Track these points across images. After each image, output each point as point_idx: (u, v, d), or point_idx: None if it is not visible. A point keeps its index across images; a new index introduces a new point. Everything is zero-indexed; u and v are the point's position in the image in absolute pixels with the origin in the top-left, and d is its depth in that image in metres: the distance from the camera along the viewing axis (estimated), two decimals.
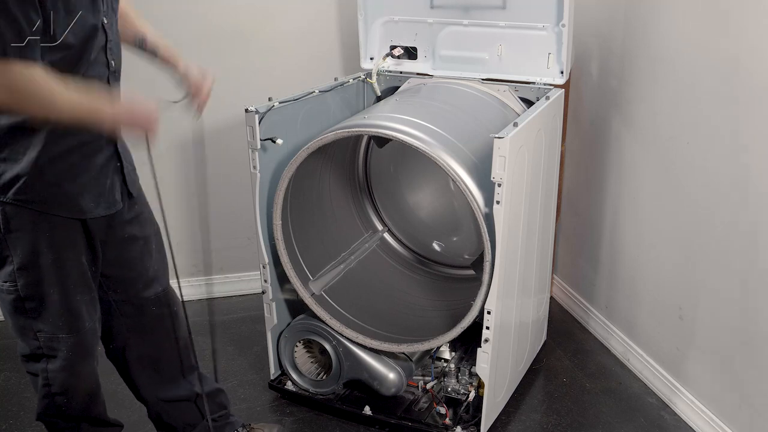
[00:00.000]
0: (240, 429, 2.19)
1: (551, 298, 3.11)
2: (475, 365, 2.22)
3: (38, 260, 1.67)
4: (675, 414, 2.45)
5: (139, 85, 1.89)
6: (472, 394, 2.38)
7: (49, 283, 1.70)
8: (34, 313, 1.72)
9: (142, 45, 1.86)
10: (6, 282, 1.70)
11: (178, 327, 2.01)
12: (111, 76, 1.69)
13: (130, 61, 1.84)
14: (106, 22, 1.64)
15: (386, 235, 2.93)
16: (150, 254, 1.92)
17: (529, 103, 2.53)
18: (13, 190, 1.61)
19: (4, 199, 1.62)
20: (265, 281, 2.41)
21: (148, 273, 1.91)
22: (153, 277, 1.93)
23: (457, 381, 2.45)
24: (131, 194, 1.82)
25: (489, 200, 2.03)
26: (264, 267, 2.39)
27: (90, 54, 1.60)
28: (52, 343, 1.75)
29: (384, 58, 2.73)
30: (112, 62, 1.68)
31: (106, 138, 1.70)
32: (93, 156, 1.68)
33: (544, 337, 2.87)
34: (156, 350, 1.98)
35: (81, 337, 1.77)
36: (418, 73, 2.72)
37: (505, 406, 2.46)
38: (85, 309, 1.77)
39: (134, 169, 1.85)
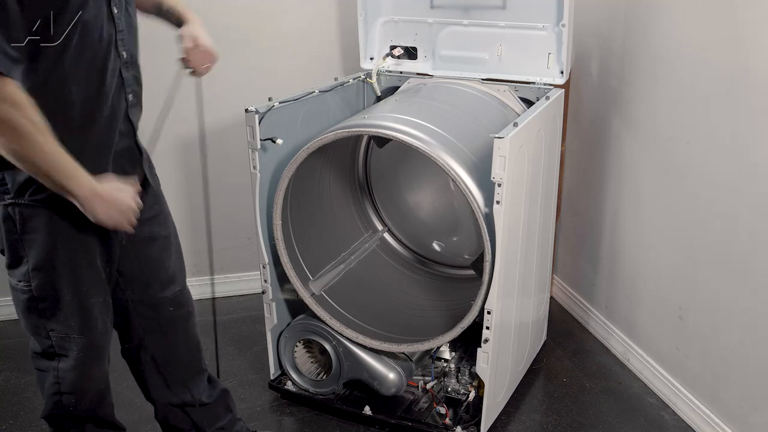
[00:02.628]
0: None
1: (551, 298, 3.11)
2: (475, 365, 2.22)
3: (53, 261, 1.67)
4: (675, 414, 2.45)
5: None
6: (472, 394, 2.38)
7: (63, 284, 1.69)
8: (47, 312, 1.72)
9: (158, 12, 1.86)
10: (20, 281, 1.70)
11: (191, 328, 2.01)
12: (123, 67, 1.66)
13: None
14: (116, 12, 1.61)
15: (386, 235, 2.93)
16: (169, 254, 1.91)
17: (529, 103, 2.53)
18: (29, 192, 1.61)
19: (22, 201, 1.62)
20: (265, 281, 2.41)
21: (167, 273, 1.90)
22: (171, 277, 1.92)
23: (457, 381, 2.45)
24: (149, 184, 1.80)
25: (489, 200, 2.03)
26: (264, 267, 2.39)
27: (96, 47, 1.57)
28: (64, 343, 1.75)
29: (384, 58, 2.74)
30: (124, 53, 1.65)
31: (124, 133, 1.69)
32: (109, 154, 1.67)
33: (544, 337, 2.87)
34: (170, 352, 1.97)
35: (93, 339, 1.77)
36: (418, 73, 2.73)
37: (505, 406, 2.46)
38: (98, 310, 1.76)
39: (151, 165, 1.84)
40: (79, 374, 1.78)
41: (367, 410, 2.38)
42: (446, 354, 2.54)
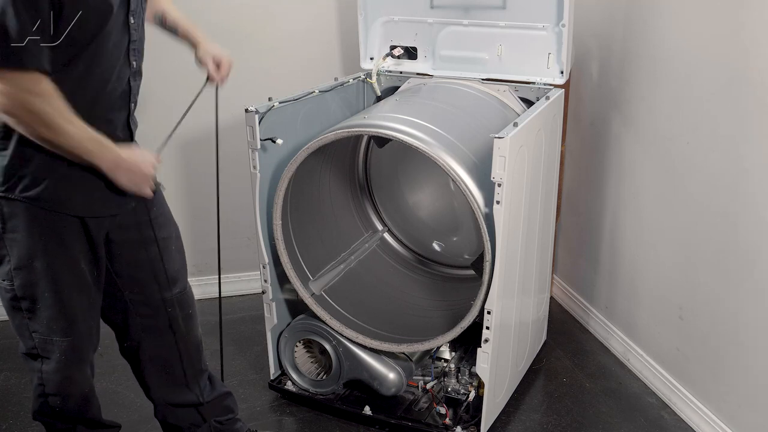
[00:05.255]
0: None
1: (551, 298, 3.11)
2: (475, 365, 2.22)
3: (33, 262, 1.67)
4: (675, 414, 2.45)
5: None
6: (472, 394, 2.38)
7: (44, 285, 1.69)
8: (29, 313, 1.72)
9: (161, 23, 1.92)
10: (4, 280, 1.70)
11: (192, 329, 2.01)
12: (132, 76, 1.69)
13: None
14: (132, 22, 1.63)
15: (386, 235, 2.93)
16: (170, 255, 1.90)
17: (529, 103, 2.53)
18: (9, 184, 1.60)
19: (6, 195, 1.61)
20: (265, 281, 2.41)
21: (167, 274, 1.90)
22: (172, 278, 1.92)
23: (457, 381, 2.46)
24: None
25: (489, 200, 2.03)
26: (264, 267, 2.39)
27: (112, 55, 1.60)
28: (46, 345, 1.75)
29: (384, 58, 2.73)
30: (134, 62, 1.69)
31: (122, 140, 1.70)
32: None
33: (544, 337, 2.87)
34: (169, 352, 1.97)
35: (75, 342, 1.76)
36: (418, 73, 2.72)
37: (505, 406, 2.46)
38: (82, 314, 1.76)
39: None
40: (62, 377, 1.78)
41: (367, 410, 2.38)
42: (446, 354, 2.54)
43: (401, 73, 2.74)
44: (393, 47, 2.74)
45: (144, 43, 1.74)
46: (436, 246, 2.92)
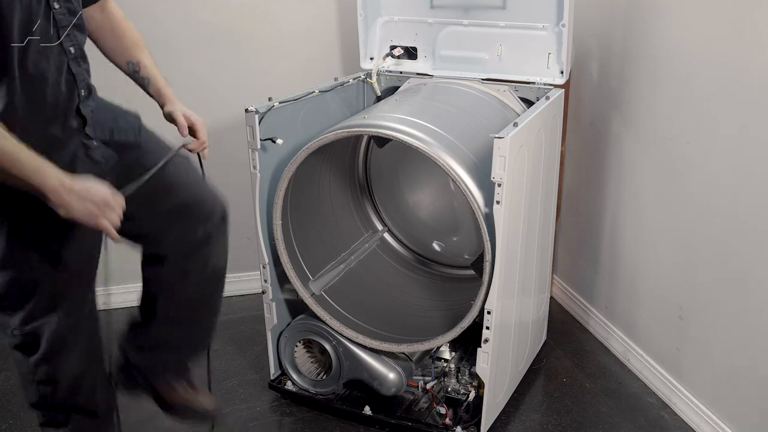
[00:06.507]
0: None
1: (551, 298, 3.11)
2: (475, 365, 2.22)
3: (10, 260, 1.66)
4: (675, 414, 2.45)
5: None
6: (472, 394, 2.38)
7: (24, 282, 1.69)
8: (11, 309, 1.74)
9: (134, 74, 1.83)
10: None
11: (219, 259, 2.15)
12: (72, 62, 1.61)
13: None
14: (58, 7, 1.55)
15: (386, 235, 2.93)
16: (182, 181, 1.96)
17: (529, 103, 2.53)
18: None
19: None
20: (265, 281, 2.41)
21: (194, 201, 1.96)
22: (199, 200, 1.99)
23: (457, 381, 2.46)
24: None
25: (489, 200, 2.03)
26: (264, 267, 2.39)
27: (33, 41, 1.50)
28: (29, 339, 1.77)
29: (384, 58, 2.73)
30: (71, 48, 1.60)
31: (75, 129, 1.65)
32: (61, 150, 1.61)
33: (544, 337, 2.87)
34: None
35: (60, 332, 1.77)
36: (418, 73, 2.72)
37: (505, 406, 2.46)
38: (66, 306, 1.76)
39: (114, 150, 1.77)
40: (49, 366, 1.80)
41: (367, 410, 2.38)
42: (446, 354, 2.54)
43: (401, 73, 2.74)
44: (393, 47, 2.74)
45: (82, 28, 1.65)
46: (436, 246, 2.92)
